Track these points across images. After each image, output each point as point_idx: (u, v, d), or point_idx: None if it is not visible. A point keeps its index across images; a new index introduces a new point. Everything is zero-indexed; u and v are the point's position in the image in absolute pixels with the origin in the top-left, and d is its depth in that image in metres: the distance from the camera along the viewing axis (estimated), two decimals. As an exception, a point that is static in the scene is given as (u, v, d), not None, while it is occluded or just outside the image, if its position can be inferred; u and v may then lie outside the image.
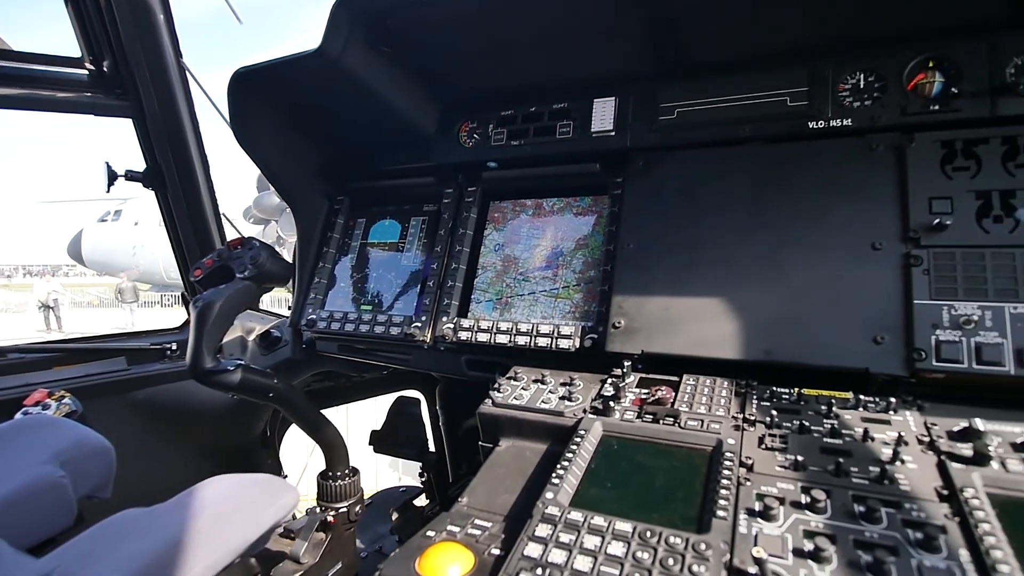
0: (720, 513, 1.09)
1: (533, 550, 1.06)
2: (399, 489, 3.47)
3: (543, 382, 1.73)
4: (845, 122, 1.72)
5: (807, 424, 1.34)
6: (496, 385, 1.72)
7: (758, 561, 0.95)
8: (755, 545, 1.01)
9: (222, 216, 3.02)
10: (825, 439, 1.30)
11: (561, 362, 1.89)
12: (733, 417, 1.42)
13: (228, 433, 3.06)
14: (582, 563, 1.01)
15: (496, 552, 1.16)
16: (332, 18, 1.88)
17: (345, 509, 2.29)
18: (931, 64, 1.66)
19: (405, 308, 2.33)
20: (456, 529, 1.25)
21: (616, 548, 1.04)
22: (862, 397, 1.45)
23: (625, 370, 1.67)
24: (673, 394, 1.54)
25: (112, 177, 2.75)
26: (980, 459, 1.16)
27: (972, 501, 1.05)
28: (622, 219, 1.95)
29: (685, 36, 1.88)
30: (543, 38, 1.96)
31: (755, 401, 1.49)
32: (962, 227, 1.51)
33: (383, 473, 8.19)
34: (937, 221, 1.51)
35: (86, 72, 2.65)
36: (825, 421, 1.36)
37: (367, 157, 2.60)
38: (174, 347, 2.91)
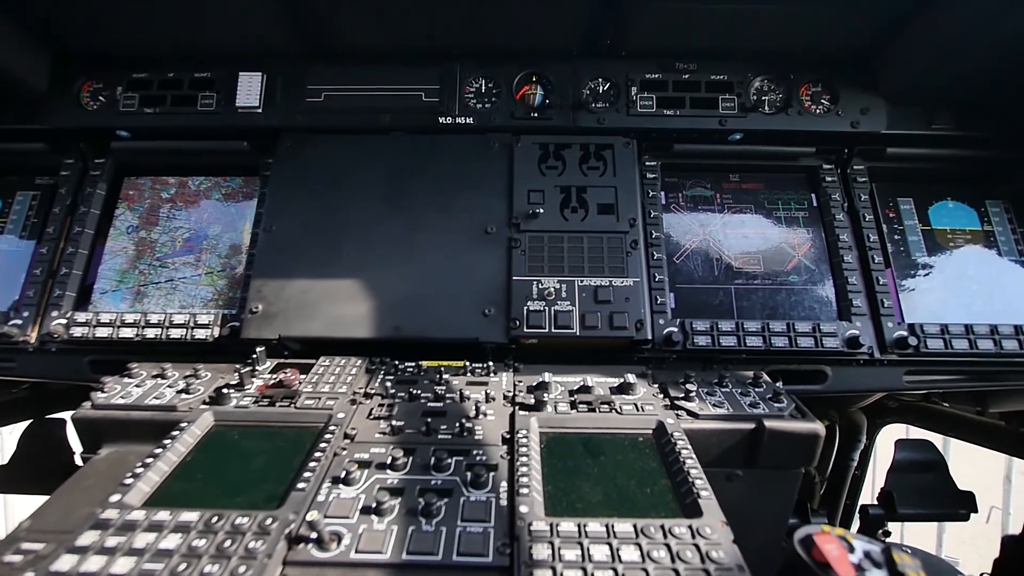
0: (300, 486, 1.10)
1: (65, 563, 0.93)
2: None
3: (164, 376, 1.56)
4: (468, 120, 1.94)
5: (417, 392, 1.46)
6: (100, 385, 1.49)
7: (311, 525, 0.99)
8: (329, 510, 1.05)
9: None
10: (429, 404, 1.43)
11: (204, 355, 1.73)
12: (354, 393, 1.46)
13: None
14: (122, 565, 0.92)
15: None
16: None
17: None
18: (534, 79, 1.97)
19: (2, 303, 1.87)
20: None
21: (170, 542, 0.97)
22: (471, 364, 1.65)
23: (257, 356, 1.61)
24: (301, 377, 1.53)
25: None
26: (539, 405, 1.39)
27: (522, 440, 1.26)
28: (268, 201, 1.88)
29: (327, 19, 1.88)
30: None
31: (380, 376, 1.57)
32: (550, 215, 1.82)
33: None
34: (532, 210, 1.80)
35: None
36: (436, 388, 1.49)
37: None
38: None
